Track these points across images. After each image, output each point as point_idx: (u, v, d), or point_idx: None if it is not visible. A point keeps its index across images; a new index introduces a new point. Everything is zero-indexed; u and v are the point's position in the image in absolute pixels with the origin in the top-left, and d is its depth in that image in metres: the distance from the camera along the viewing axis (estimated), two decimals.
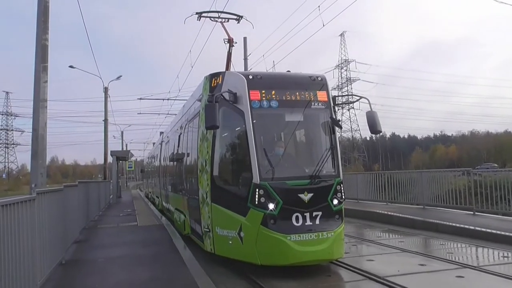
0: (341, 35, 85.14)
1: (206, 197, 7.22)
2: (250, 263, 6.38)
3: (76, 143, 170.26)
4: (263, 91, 6.69)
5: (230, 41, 9.46)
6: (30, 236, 4.99)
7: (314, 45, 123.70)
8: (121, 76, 29.86)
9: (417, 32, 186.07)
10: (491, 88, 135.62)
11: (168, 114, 30.47)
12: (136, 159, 56.19)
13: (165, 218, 13.92)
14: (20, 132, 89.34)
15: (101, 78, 28.43)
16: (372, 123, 7.04)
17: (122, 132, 49.50)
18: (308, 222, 6.19)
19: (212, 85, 7.41)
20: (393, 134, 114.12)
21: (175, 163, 11.81)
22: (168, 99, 27.57)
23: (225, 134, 7.27)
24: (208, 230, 7.21)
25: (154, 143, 28.61)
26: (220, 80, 7.23)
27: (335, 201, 6.54)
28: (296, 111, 6.93)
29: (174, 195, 11.95)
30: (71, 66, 26.67)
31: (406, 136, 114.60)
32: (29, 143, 9.68)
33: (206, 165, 7.27)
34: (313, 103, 6.97)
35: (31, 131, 9.12)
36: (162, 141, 17.63)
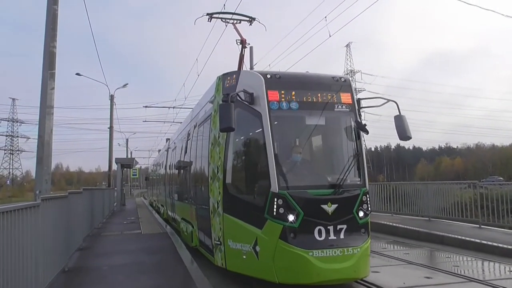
0: (347, 45, 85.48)
1: (218, 207, 6.66)
2: (266, 281, 5.82)
3: (81, 150, 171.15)
4: (282, 92, 6.15)
5: (243, 42, 8.99)
6: (34, 243, 4.98)
7: (321, 55, 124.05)
8: (127, 84, 30.18)
9: (428, 42, 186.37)
10: (499, 102, 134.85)
11: (173, 122, 30.57)
12: (141, 166, 56.42)
13: (170, 228, 13.55)
14: (26, 139, 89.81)
15: (107, 86, 28.73)
16: (401, 129, 6.43)
17: (127, 140, 49.74)
18: (332, 236, 5.62)
19: (226, 85, 6.86)
20: (398, 145, 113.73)
21: (182, 170, 11.26)
22: (174, 107, 27.73)
23: (240, 138, 6.70)
24: (219, 243, 6.61)
25: (159, 150, 28.44)
26: (235, 79, 6.69)
27: (361, 213, 5.97)
28: (318, 114, 6.35)
29: (181, 204, 11.33)
30: (78, 74, 26.98)
31: (411, 148, 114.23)
32: (34, 150, 9.83)
33: (217, 172, 6.74)
34: (336, 106, 6.42)
35: (36, 137, 9.18)
36: (168, 148, 17.01)
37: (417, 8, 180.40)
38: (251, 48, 18.74)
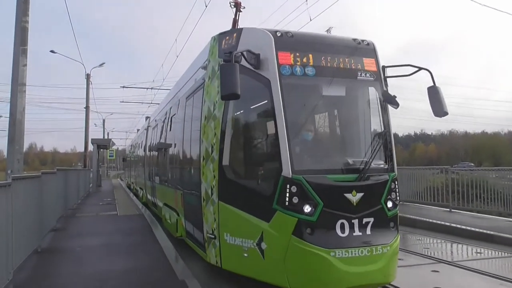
0: (328, 30, 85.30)
1: (212, 194, 5.54)
2: (273, 286, 4.84)
3: (55, 130, 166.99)
4: (296, 54, 4.99)
5: (238, 5, 7.83)
6: (5, 223, 4.88)
7: None
8: (104, 63, 29.65)
9: (406, 30, 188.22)
10: (474, 90, 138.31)
11: (151, 103, 30.22)
12: (118, 148, 55.56)
13: (149, 212, 12.79)
14: None
15: (83, 65, 28.06)
16: (437, 103, 5.29)
17: (103, 120, 48.85)
18: (357, 232, 4.62)
19: (224, 46, 5.66)
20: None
21: (165, 150, 9.94)
22: (152, 88, 27.38)
23: (241, 111, 5.53)
24: (213, 236, 5.53)
25: (138, 130, 27.89)
26: (235, 39, 5.47)
27: (390, 204, 5.00)
28: (338, 82, 5.25)
29: (163, 188, 10.01)
30: (52, 51, 26.10)
31: None
32: (4, 129, 9.47)
33: (212, 151, 5.59)
34: (359, 73, 5.29)
35: (7, 116, 8.92)
36: (148, 126, 15.36)
37: None
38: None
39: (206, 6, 10.85)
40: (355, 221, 4.64)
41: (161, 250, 7.10)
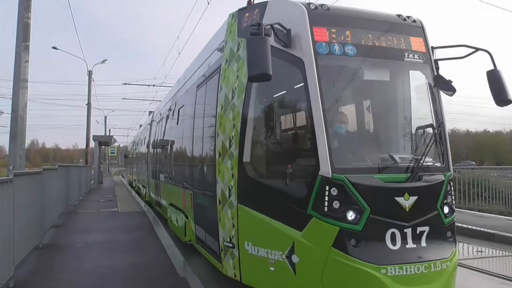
0: None
1: (230, 195, 4.74)
2: None
3: (57, 126, 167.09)
4: (333, 30, 4.18)
5: None
6: (6, 218, 4.89)
7: None
8: (106, 60, 29.65)
9: None
10: (477, 88, 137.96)
11: (153, 100, 30.21)
12: (119, 145, 55.63)
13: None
14: None
15: (85, 61, 28.06)
16: (498, 88, 4.42)
17: (105, 117, 48.82)
18: (410, 244, 3.84)
19: (244, 24, 4.82)
20: None
21: (172, 145, 9.12)
22: (153, 85, 27.30)
23: (267, 98, 4.72)
24: (230, 245, 4.72)
25: (140, 126, 26.73)
26: (258, 14, 4.62)
27: (446, 209, 4.16)
28: (382, 65, 4.51)
29: (169, 187, 9.10)
30: (54, 47, 26.12)
31: None
32: (6, 125, 9.49)
33: (230, 146, 4.76)
34: (406, 54, 4.48)
35: (9, 112, 8.93)
36: (152, 121, 14.28)
37: None
38: None
39: (208, 3, 10.84)
40: (408, 231, 3.85)
41: (162, 247, 7.12)
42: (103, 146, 30.98)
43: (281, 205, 4.15)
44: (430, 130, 4.50)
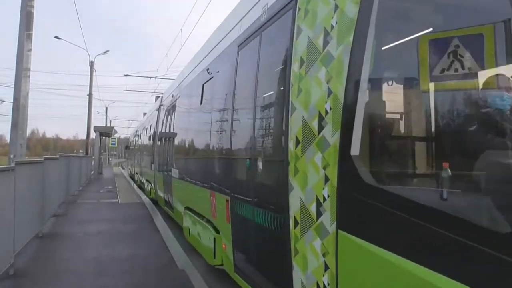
0: None
1: (319, 213, 2.67)
2: None
3: (58, 116, 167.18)
4: None
5: None
6: (7, 207, 4.91)
7: None
8: (108, 51, 29.55)
9: None
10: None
11: (154, 92, 30.19)
12: (120, 136, 55.69)
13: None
14: (0, 102, 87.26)
15: (87, 52, 28.18)
16: None
17: (106, 108, 48.97)
18: None
19: None
20: None
21: (193, 131, 7.23)
22: (155, 77, 27.27)
23: (405, 40, 2.36)
24: None
25: (145, 114, 24.06)
26: None
27: None
28: None
29: (187, 186, 7.10)
30: (56, 37, 26.05)
31: None
32: (8, 114, 9.49)
33: (321, 128, 2.70)
34: None
35: (11, 100, 8.94)
36: (161, 105, 11.92)
37: None
38: None
39: None
40: None
41: (162, 238, 7.14)
42: (103, 137, 31.00)
43: (443, 240, 1.80)
44: None
